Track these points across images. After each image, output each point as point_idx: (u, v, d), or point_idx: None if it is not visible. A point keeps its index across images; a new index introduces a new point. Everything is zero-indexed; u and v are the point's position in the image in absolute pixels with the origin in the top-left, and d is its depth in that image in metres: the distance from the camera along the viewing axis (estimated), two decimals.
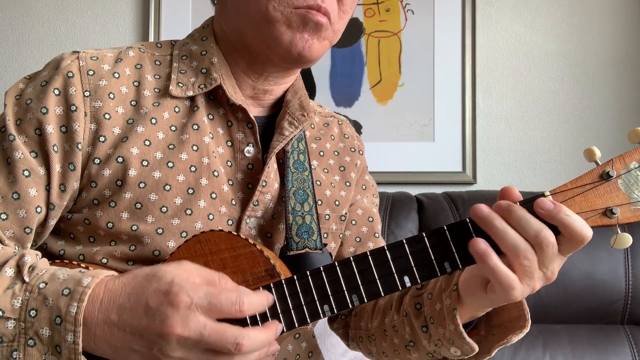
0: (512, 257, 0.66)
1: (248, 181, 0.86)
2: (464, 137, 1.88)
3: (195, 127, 0.83)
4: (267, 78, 0.88)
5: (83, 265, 0.77)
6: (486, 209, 0.67)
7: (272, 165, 0.86)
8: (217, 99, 0.86)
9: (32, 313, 0.62)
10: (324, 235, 0.92)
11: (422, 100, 1.90)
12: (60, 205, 0.78)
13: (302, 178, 0.88)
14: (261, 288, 0.72)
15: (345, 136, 1.02)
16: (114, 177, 0.78)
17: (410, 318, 0.85)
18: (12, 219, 0.74)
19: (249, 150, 0.86)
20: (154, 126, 0.81)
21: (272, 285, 0.71)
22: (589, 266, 1.53)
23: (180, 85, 0.84)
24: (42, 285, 0.63)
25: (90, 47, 0.85)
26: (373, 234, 0.99)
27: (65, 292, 0.62)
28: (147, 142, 0.80)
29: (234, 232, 0.75)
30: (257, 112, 0.91)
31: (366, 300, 0.71)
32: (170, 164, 0.80)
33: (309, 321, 0.71)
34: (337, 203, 0.94)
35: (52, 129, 0.76)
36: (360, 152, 1.03)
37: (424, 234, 0.70)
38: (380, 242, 0.99)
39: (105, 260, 0.78)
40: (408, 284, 0.70)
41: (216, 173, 0.82)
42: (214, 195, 0.81)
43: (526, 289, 0.67)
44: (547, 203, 0.66)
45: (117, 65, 0.82)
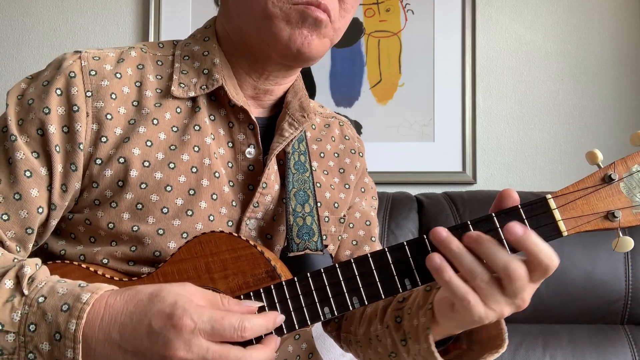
0: (469, 279, 0.66)
1: (249, 182, 0.86)
2: (464, 137, 1.88)
3: (196, 127, 0.83)
4: (268, 77, 0.88)
5: (84, 265, 0.77)
6: (444, 232, 0.67)
7: (272, 167, 0.86)
8: (218, 99, 0.86)
9: (32, 327, 0.62)
10: (324, 238, 0.91)
11: (422, 100, 1.90)
12: (62, 206, 0.78)
13: (302, 179, 0.88)
14: (262, 290, 0.72)
15: (346, 137, 1.01)
16: (116, 177, 0.78)
17: (390, 330, 0.85)
18: (14, 219, 0.74)
19: (250, 151, 0.86)
20: (155, 127, 0.81)
21: (272, 287, 0.71)
22: (589, 266, 1.53)
23: (182, 85, 0.83)
24: (41, 299, 0.63)
25: (92, 47, 0.85)
26: (370, 238, 0.99)
27: (64, 307, 0.62)
28: (148, 143, 0.80)
29: (234, 233, 0.75)
30: (258, 112, 0.91)
31: (367, 303, 0.70)
32: (171, 165, 0.80)
33: (309, 323, 0.71)
34: (336, 205, 0.94)
35: (55, 129, 0.76)
36: (361, 154, 1.02)
37: (425, 237, 0.70)
38: (377, 246, 0.99)
39: (105, 261, 0.78)
40: (409, 287, 0.70)
41: (217, 174, 0.82)
42: (214, 197, 0.81)
43: (490, 313, 0.67)
44: (517, 229, 0.65)
45: (119, 66, 0.82)
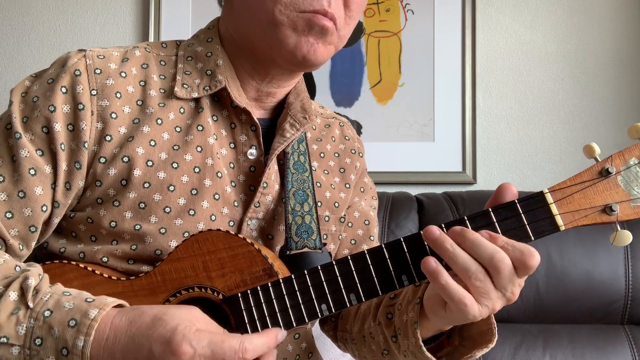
0: (464, 278, 0.66)
1: (250, 183, 0.86)
2: (464, 137, 1.88)
3: (199, 128, 0.83)
4: (271, 80, 0.88)
5: (83, 265, 0.76)
6: (437, 231, 0.68)
7: (272, 167, 0.87)
8: (221, 100, 0.86)
9: (38, 342, 0.62)
10: (324, 237, 0.92)
11: (422, 100, 1.90)
12: (65, 204, 0.78)
13: (302, 179, 0.88)
14: (259, 287, 0.72)
15: (346, 138, 1.02)
16: (119, 176, 0.78)
17: (382, 327, 0.85)
18: (18, 217, 0.74)
19: (252, 152, 0.86)
20: (159, 127, 0.81)
21: (269, 285, 0.71)
22: (589, 266, 1.53)
23: (185, 86, 0.84)
24: (47, 314, 0.63)
25: (96, 46, 0.85)
26: (368, 237, 0.99)
27: (72, 323, 0.62)
28: (152, 143, 0.80)
29: (231, 231, 0.75)
30: (260, 114, 0.91)
31: (364, 299, 0.71)
32: (174, 165, 0.80)
33: (306, 320, 0.71)
34: (336, 205, 0.94)
35: (60, 127, 0.76)
36: (360, 154, 1.03)
37: (422, 233, 0.70)
38: (375, 245, 0.99)
39: (105, 259, 0.78)
40: (406, 283, 0.70)
41: (220, 174, 0.82)
42: (217, 197, 0.81)
43: (484, 310, 0.67)
44: (482, 235, 0.66)
45: (123, 65, 0.82)
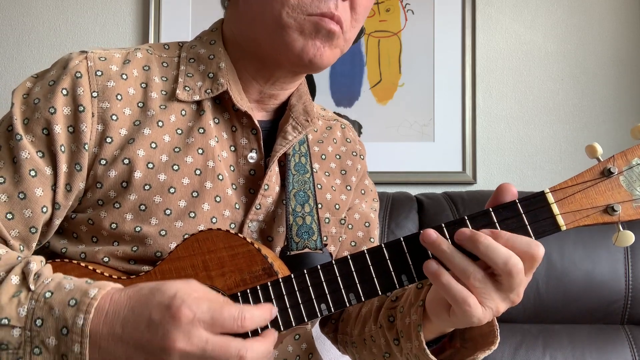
0: (463, 279, 0.66)
1: (250, 186, 0.86)
2: (464, 137, 1.88)
3: (201, 130, 0.83)
4: (275, 83, 0.88)
5: (83, 264, 0.77)
6: (434, 234, 0.67)
7: (273, 169, 0.87)
8: (222, 103, 0.86)
9: (38, 322, 0.62)
10: (324, 238, 0.91)
11: (422, 100, 1.90)
12: (66, 205, 0.78)
13: (303, 180, 0.88)
14: (258, 287, 0.72)
15: (348, 140, 1.02)
16: (120, 178, 0.78)
17: (384, 330, 0.85)
18: (18, 218, 0.74)
19: (252, 156, 0.86)
20: (160, 129, 0.81)
21: (269, 284, 0.71)
22: (589, 266, 1.53)
23: (187, 89, 0.84)
24: (48, 295, 0.63)
25: (98, 47, 0.85)
26: (369, 239, 0.99)
27: (72, 302, 0.62)
28: (153, 145, 0.80)
29: (231, 231, 0.75)
30: (261, 116, 0.91)
31: (363, 299, 0.70)
32: (175, 167, 0.80)
33: (306, 320, 0.71)
34: (337, 207, 0.94)
35: (60, 129, 0.76)
36: (362, 156, 1.03)
37: (419, 236, 0.70)
38: None
39: (106, 259, 0.78)
40: (406, 283, 0.70)
41: (221, 177, 0.82)
42: (218, 199, 0.82)
43: (487, 312, 0.67)
44: (485, 233, 0.66)
45: (125, 67, 0.82)
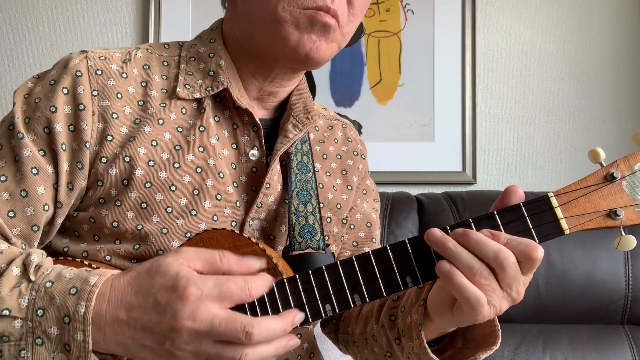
0: (469, 277, 0.66)
1: (251, 184, 0.86)
2: (464, 137, 1.88)
3: (201, 128, 0.83)
4: (274, 80, 0.88)
5: (86, 262, 0.77)
6: (439, 233, 0.68)
7: (275, 168, 0.87)
8: (223, 101, 0.86)
9: (39, 312, 0.62)
10: (326, 238, 0.92)
11: (422, 100, 1.90)
12: (68, 204, 0.78)
13: (305, 179, 0.89)
14: None
15: (349, 139, 1.02)
16: (121, 176, 0.78)
17: (385, 329, 0.85)
18: (20, 216, 0.74)
19: (254, 153, 0.86)
20: (161, 127, 0.81)
21: (274, 284, 0.71)
22: (589, 266, 1.53)
23: (187, 87, 0.84)
24: (48, 284, 0.63)
25: (98, 47, 0.85)
26: (370, 239, 0.99)
27: (72, 291, 0.62)
28: (154, 143, 0.80)
29: (236, 230, 0.76)
30: (262, 114, 0.91)
31: (368, 300, 0.71)
32: (176, 165, 0.80)
33: (310, 320, 0.71)
34: (338, 206, 0.94)
35: (61, 128, 0.77)
36: (363, 156, 1.03)
37: (424, 235, 0.70)
38: (377, 247, 0.99)
39: (108, 258, 0.79)
40: (410, 284, 0.70)
41: (221, 174, 0.82)
42: (219, 197, 0.82)
43: (491, 310, 0.67)
44: (484, 234, 0.67)
45: (125, 66, 0.82)
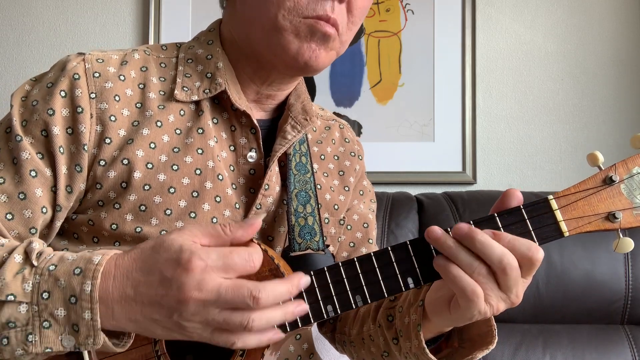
0: (468, 273, 0.67)
1: (250, 186, 0.86)
2: (464, 137, 1.88)
3: (200, 130, 0.83)
4: (272, 84, 0.88)
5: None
6: (439, 231, 0.68)
7: (274, 169, 0.87)
8: (221, 103, 0.86)
9: (45, 295, 0.62)
10: (325, 239, 0.92)
11: (422, 100, 1.90)
12: (67, 207, 0.78)
13: (304, 180, 0.89)
14: None
15: (346, 140, 1.02)
16: (119, 179, 0.78)
17: (383, 329, 0.86)
18: (18, 219, 0.74)
19: (252, 155, 0.86)
20: (159, 129, 0.81)
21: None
22: (589, 266, 1.53)
23: (185, 89, 0.84)
24: (51, 267, 0.63)
25: (95, 49, 0.85)
26: (367, 240, 0.99)
27: (77, 271, 0.62)
28: (152, 145, 0.80)
29: None
30: (260, 115, 0.91)
31: (370, 301, 0.71)
32: (175, 167, 0.80)
33: (312, 321, 0.71)
34: (336, 207, 0.95)
35: (58, 131, 0.76)
36: (360, 157, 1.03)
37: (425, 233, 0.70)
38: (374, 249, 0.99)
39: None
40: (412, 286, 0.71)
41: (220, 177, 0.82)
42: (218, 199, 0.82)
43: (488, 309, 0.68)
44: (487, 234, 0.67)
45: (122, 68, 0.82)
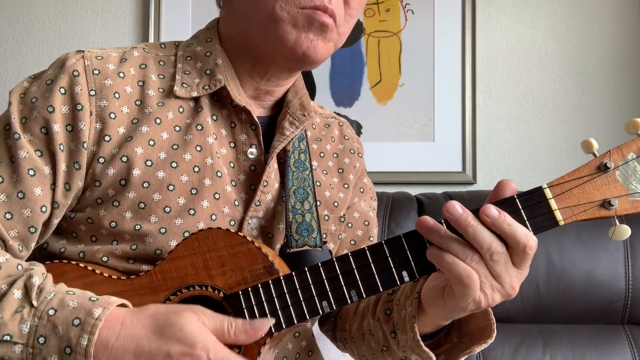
0: (462, 260, 0.67)
1: (250, 182, 0.86)
2: (464, 137, 1.88)
3: (199, 127, 0.83)
4: (270, 79, 0.88)
5: (83, 264, 0.76)
6: (430, 221, 0.69)
7: (272, 165, 0.87)
8: (221, 100, 0.86)
9: (41, 340, 0.62)
10: (324, 236, 0.92)
11: (422, 100, 1.90)
12: (65, 204, 0.78)
13: (302, 177, 0.89)
14: (260, 285, 0.72)
15: (346, 137, 1.02)
16: (118, 176, 0.78)
17: (381, 323, 0.86)
18: (17, 218, 0.74)
19: (252, 151, 0.86)
20: (158, 126, 0.81)
21: (270, 282, 0.71)
22: (589, 266, 1.53)
23: (184, 86, 0.84)
24: (51, 312, 0.63)
25: (94, 47, 0.85)
26: (368, 238, 0.99)
27: (76, 322, 0.62)
28: (151, 142, 0.80)
29: (231, 229, 0.75)
30: (259, 112, 0.91)
31: (365, 296, 0.71)
32: (174, 164, 0.80)
33: (307, 317, 0.71)
34: (335, 204, 0.94)
35: (59, 128, 0.76)
36: (360, 154, 1.03)
37: (416, 223, 0.70)
38: None
39: (105, 259, 0.78)
40: (406, 279, 0.70)
41: (219, 174, 0.82)
42: (217, 196, 0.82)
43: (483, 297, 0.67)
44: (492, 211, 0.66)
45: (121, 65, 0.82)
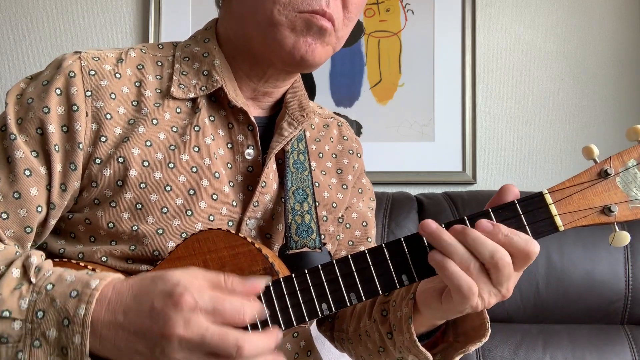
0: (463, 269, 0.67)
1: (248, 183, 0.86)
2: (464, 137, 1.88)
3: (196, 128, 0.83)
4: (268, 80, 0.88)
5: (82, 264, 0.77)
6: (433, 224, 0.68)
7: (271, 166, 0.87)
8: (218, 100, 0.86)
9: (39, 314, 0.62)
10: (322, 237, 0.92)
11: (422, 100, 1.90)
12: (61, 205, 0.78)
13: (301, 178, 0.89)
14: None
15: (345, 138, 1.02)
16: (115, 177, 0.78)
17: (377, 324, 0.86)
18: (13, 218, 0.74)
19: (249, 152, 0.86)
20: (155, 127, 0.81)
21: (270, 284, 0.71)
22: (589, 266, 1.53)
23: (181, 86, 0.84)
24: (49, 287, 0.63)
25: (92, 48, 0.85)
26: (366, 239, 0.99)
27: (73, 294, 0.62)
28: (148, 143, 0.80)
29: (231, 230, 0.75)
30: (257, 113, 0.91)
31: (364, 299, 0.71)
32: (171, 165, 0.80)
33: (307, 319, 0.71)
34: (334, 205, 0.94)
35: (54, 129, 0.76)
36: (359, 154, 1.03)
37: (419, 226, 0.70)
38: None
39: (104, 259, 0.78)
40: (406, 282, 0.70)
41: (217, 174, 0.82)
42: (214, 197, 0.82)
43: (480, 302, 0.68)
44: (485, 225, 0.67)
45: (118, 66, 0.82)
